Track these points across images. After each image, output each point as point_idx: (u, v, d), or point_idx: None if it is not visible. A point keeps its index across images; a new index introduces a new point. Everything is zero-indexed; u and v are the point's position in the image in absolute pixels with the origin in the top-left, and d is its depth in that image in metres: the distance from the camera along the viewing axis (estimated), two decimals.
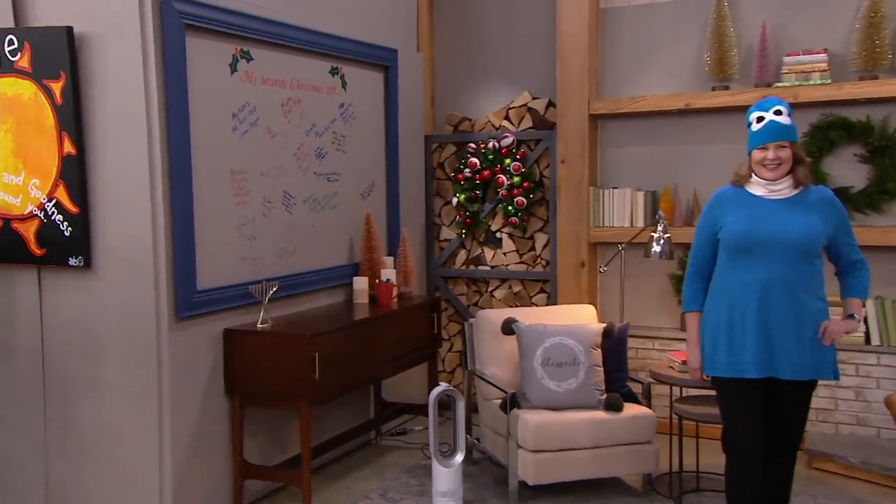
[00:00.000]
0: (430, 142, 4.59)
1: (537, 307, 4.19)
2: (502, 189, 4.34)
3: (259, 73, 3.30)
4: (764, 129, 2.56)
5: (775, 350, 2.54)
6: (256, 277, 3.28)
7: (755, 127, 2.60)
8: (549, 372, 3.31)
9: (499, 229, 4.48)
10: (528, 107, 4.43)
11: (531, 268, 4.42)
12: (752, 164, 2.62)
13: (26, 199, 3.00)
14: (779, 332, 2.53)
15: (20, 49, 2.92)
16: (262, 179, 3.34)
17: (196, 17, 2.98)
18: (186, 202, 2.96)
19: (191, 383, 3.04)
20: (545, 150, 4.34)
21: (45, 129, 2.93)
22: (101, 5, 2.88)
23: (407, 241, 4.03)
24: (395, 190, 4.22)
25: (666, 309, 4.22)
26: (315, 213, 3.65)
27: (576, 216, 4.20)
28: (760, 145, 2.58)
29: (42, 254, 2.99)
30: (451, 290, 4.61)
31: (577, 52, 4.13)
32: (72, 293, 3.02)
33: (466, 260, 4.56)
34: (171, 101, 2.88)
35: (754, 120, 2.60)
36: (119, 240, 2.93)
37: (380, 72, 4.12)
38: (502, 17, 4.52)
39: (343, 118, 3.84)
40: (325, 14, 3.69)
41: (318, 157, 3.67)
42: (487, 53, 4.55)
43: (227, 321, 3.18)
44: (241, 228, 3.23)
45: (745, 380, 2.55)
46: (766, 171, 2.58)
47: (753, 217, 2.56)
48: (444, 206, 4.61)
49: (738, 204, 2.60)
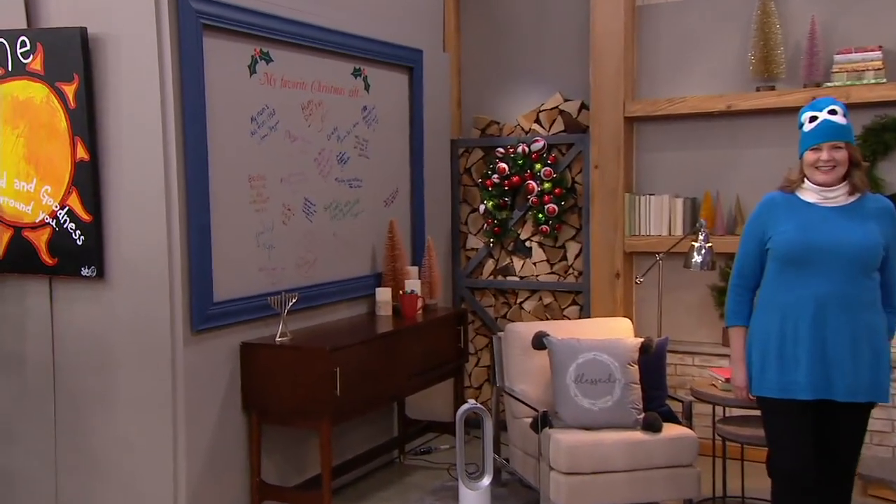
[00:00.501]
0: (457, 146, 4.59)
1: (569, 320, 4.17)
2: (532, 196, 4.33)
3: (279, 74, 3.31)
4: (817, 129, 2.50)
5: (831, 370, 2.47)
6: (275, 288, 3.28)
7: (807, 127, 2.53)
8: (583, 389, 3.28)
9: (528, 238, 4.47)
10: (559, 109, 4.42)
11: (563, 279, 4.40)
12: (805, 168, 2.55)
13: (38, 206, 3.01)
14: (835, 351, 2.46)
15: (32, 51, 2.94)
16: (282, 186, 3.34)
17: (214, 17, 2.99)
18: (203, 210, 2.96)
19: (206, 399, 3.04)
20: (578, 155, 4.32)
21: (58, 133, 2.94)
22: (116, 5, 2.90)
23: (432, 250, 4.02)
24: (419, 197, 4.22)
25: (707, 323, 4.17)
26: (336, 220, 3.66)
27: (610, 224, 4.17)
28: (813, 145, 2.51)
29: (54, 263, 3.01)
30: (478, 302, 4.60)
31: (611, 52, 4.12)
32: (84, 304, 3.03)
33: (494, 270, 4.56)
34: (187, 105, 2.88)
35: (806, 120, 2.54)
36: (133, 249, 2.94)
37: (404, 73, 4.12)
38: (532, 16, 4.52)
39: (366, 122, 3.84)
40: (347, 13, 3.70)
41: (340, 162, 3.68)
42: (517, 53, 4.55)
43: (244, 334, 3.18)
44: (260, 237, 3.24)
45: (795, 401, 2.49)
46: (820, 175, 2.51)
47: (807, 226, 2.48)
48: (470, 213, 4.61)
49: (790, 211, 2.53)
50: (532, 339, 3.49)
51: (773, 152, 3.94)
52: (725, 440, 3.28)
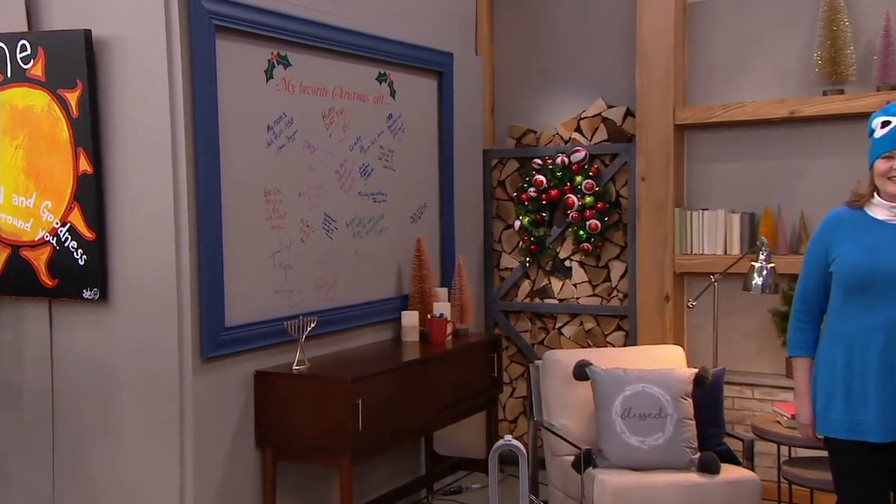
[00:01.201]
0: (490, 157, 4.60)
1: (614, 348, 4.16)
2: (572, 211, 4.31)
3: (298, 80, 3.32)
4: (890, 134, 2.42)
5: None
6: (292, 312, 3.27)
7: (879, 133, 2.45)
8: (631, 425, 3.23)
9: (568, 257, 4.44)
10: (602, 117, 4.40)
11: (606, 301, 4.36)
12: (875, 179, 2.47)
13: (37, 223, 3.02)
14: None
15: (33, 55, 2.95)
16: (300, 200, 3.34)
17: (228, 18, 2.99)
18: (214, 227, 2.96)
19: (217, 433, 3.02)
20: (622, 166, 4.30)
21: (59, 144, 2.95)
22: (122, 5, 2.90)
23: (463, 270, 4.00)
24: (449, 212, 4.22)
25: (768, 351, 4.09)
26: (359, 238, 3.66)
27: (659, 242, 4.14)
28: (885, 153, 2.43)
29: (53, 285, 3.01)
30: (513, 327, 4.58)
31: (660, 54, 4.09)
32: (85, 329, 3.03)
33: (531, 292, 4.54)
34: (198, 113, 2.88)
35: (878, 125, 2.46)
36: (138, 269, 2.94)
37: (433, 78, 4.13)
38: (573, 15, 4.51)
39: (391, 131, 3.85)
40: (371, 14, 3.71)
41: (363, 174, 3.68)
42: (555, 56, 4.54)
43: (258, 362, 3.17)
44: (276, 256, 3.23)
45: (864, 443, 2.41)
46: (892, 186, 2.43)
47: (875, 247, 2.40)
48: (505, 230, 4.61)
49: (856, 230, 2.46)
50: (573, 369, 3.45)
51: (840, 162, 3.87)
52: (791, 484, 3.25)
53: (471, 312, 4.01)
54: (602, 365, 3.40)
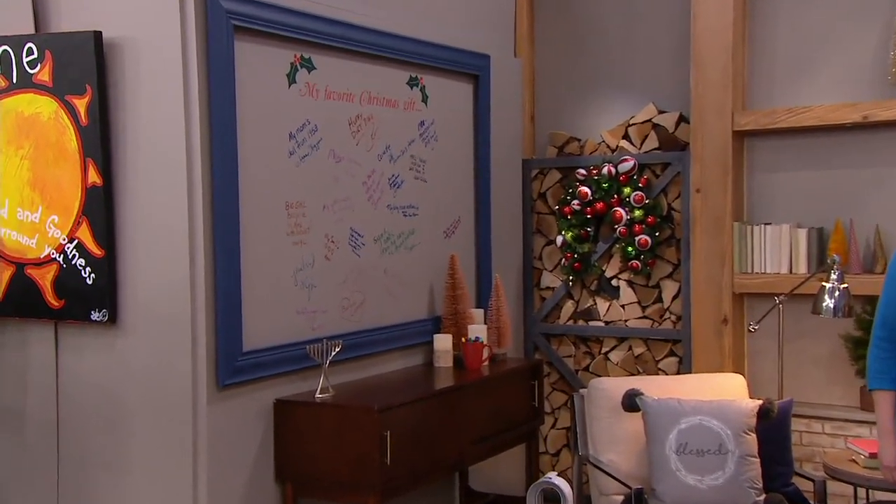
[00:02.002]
0: (530, 167, 4.57)
1: (666, 376, 4.11)
2: (620, 225, 4.27)
3: (322, 84, 3.31)
4: None
5: None
6: (315, 335, 3.26)
7: None
8: (687, 462, 3.18)
9: (615, 275, 4.39)
10: (652, 123, 4.35)
11: (657, 324, 4.30)
12: None
13: (43, 239, 3.02)
14: None
15: (40, 59, 2.96)
16: (325, 214, 3.34)
17: (247, 18, 2.99)
18: (232, 243, 2.95)
19: (233, 466, 2.99)
20: (675, 177, 4.24)
21: (67, 154, 2.95)
22: (134, 5, 2.91)
23: (500, 289, 3.97)
24: (485, 227, 4.21)
25: (840, 381, 3.99)
26: (388, 254, 3.64)
27: (716, 259, 4.08)
28: None
29: (60, 306, 3.01)
30: (555, 352, 4.54)
31: (717, 54, 4.03)
32: (93, 354, 3.03)
33: (574, 313, 4.50)
34: (215, 120, 2.88)
35: None
36: (150, 289, 2.93)
37: (468, 82, 4.13)
38: (620, 13, 4.47)
39: (423, 139, 3.83)
40: (402, 14, 3.70)
41: (393, 186, 3.67)
42: (601, 57, 4.50)
43: (278, 389, 3.16)
44: (298, 274, 3.22)
45: None
46: None
47: None
48: (546, 246, 4.57)
49: None
50: (622, 399, 3.42)
51: None
52: None
53: (509, 336, 3.97)
54: (654, 395, 3.36)
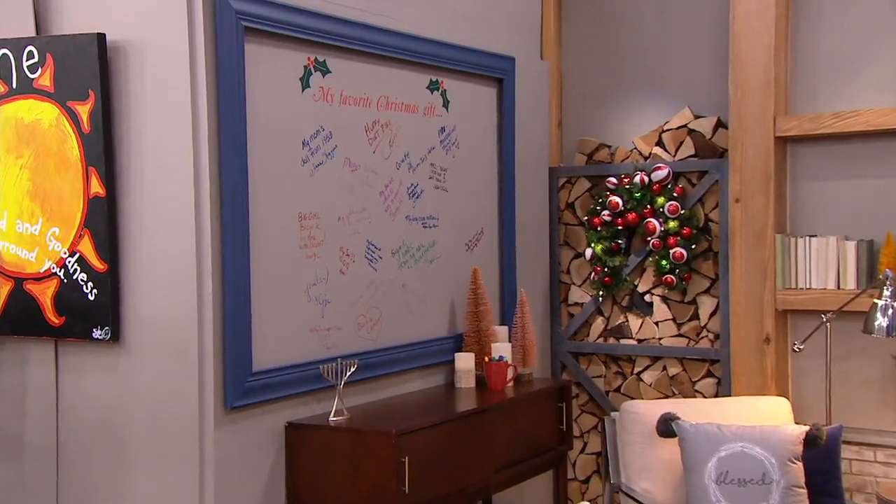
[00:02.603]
0: (557, 176, 4.55)
1: (704, 399, 4.06)
2: (653, 237, 4.22)
3: (338, 89, 3.31)
4: None
5: None
6: (330, 354, 3.25)
7: None
8: (728, 493, 3.15)
9: (649, 290, 4.35)
10: (688, 128, 4.32)
11: (694, 343, 4.25)
12: None
13: (43, 253, 3.02)
14: None
15: (41, 63, 2.96)
16: (340, 226, 3.33)
17: (259, 19, 2.98)
18: (241, 257, 2.94)
19: (242, 493, 2.98)
20: (713, 186, 4.20)
21: (69, 163, 2.95)
22: (139, 6, 2.91)
23: (525, 305, 3.95)
24: (509, 239, 4.19)
25: (893, 404, 3.92)
26: (407, 268, 3.63)
27: (757, 274, 4.02)
28: None
29: (60, 323, 3.00)
30: (584, 372, 4.50)
31: (758, 55, 3.98)
32: (95, 374, 3.02)
33: (604, 331, 4.47)
34: (224, 127, 2.87)
35: None
36: (155, 306, 2.93)
37: (492, 86, 4.12)
38: (654, 12, 4.43)
39: (444, 146, 3.83)
40: (421, 13, 3.69)
41: (412, 196, 3.66)
42: (633, 60, 4.47)
43: (290, 412, 3.14)
44: (311, 290, 3.21)
45: None
46: None
47: None
48: (574, 259, 4.55)
49: None
50: (657, 424, 3.43)
51: None
52: None
53: (535, 355, 3.95)
54: (691, 419, 3.34)
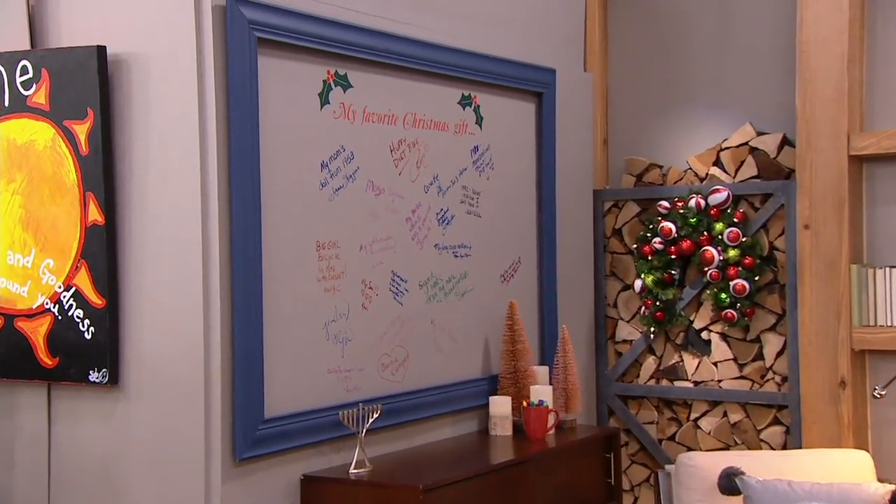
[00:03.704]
0: (603, 199, 4.52)
1: (772, 450, 3.97)
2: (711, 267, 4.15)
3: (360, 105, 3.31)
4: None
5: None
6: (350, 398, 3.23)
7: None
8: None
9: (706, 327, 4.28)
10: (750, 146, 4.25)
11: (758, 386, 4.16)
12: None
13: (36, 287, 3.01)
14: None
15: (36, 79, 2.97)
16: (362, 256, 3.32)
17: (273, 29, 2.98)
18: (253, 291, 2.92)
19: None
20: (778, 210, 4.12)
21: (65, 188, 2.95)
22: (143, 16, 2.91)
23: (568, 343, 3.92)
24: (550, 269, 4.17)
25: None
26: (436, 302, 3.62)
27: (830, 309, 3.94)
28: None
29: (53, 365, 2.99)
30: (634, 417, 4.42)
31: (829, 64, 3.92)
32: (91, 421, 3.00)
33: (656, 372, 4.40)
34: (235, 148, 2.86)
35: None
36: (158, 346, 2.91)
37: (530, 101, 4.11)
38: (711, 18, 4.39)
39: (477, 167, 3.82)
40: (452, 22, 3.70)
41: (442, 222, 3.65)
42: (687, 71, 4.43)
43: (306, 463, 3.11)
44: (330, 326, 3.19)
45: None
46: None
47: None
48: (622, 291, 4.49)
49: None
50: (718, 479, 3.40)
51: None
52: None
53: (579, 398, 3.91)
54: (757, 474, 3.30)
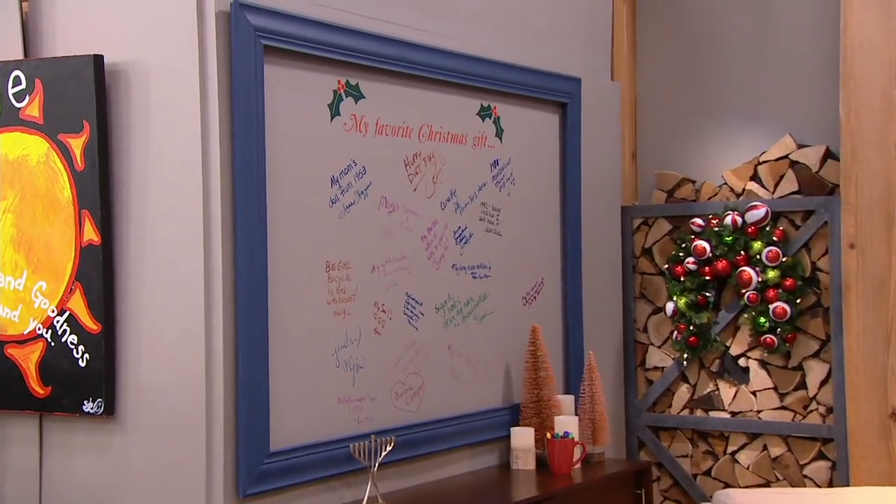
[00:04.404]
0: (631, 216, 4.49)
1: (816, 488, 3.92)
2: (749, 289, 4.10)
3: (372, 117, 3.31)
4: None
5: None
6: (362, 430, 3.21)
7: None
8: None
9: (744, 353, 4.23)
10: (790, 160, 4.21)
11: (800, 418, 4.11)
12: None
13: (28, 311, 3.01)
14: None
15: (29, 90, 2.98)
16: (374, 277, 3.31)
17: (281, 36, 2.98)
18: (258, 314, 2.91)
19: None
20: (821, 228, 4.07)
21: (59, 206, 2.95)
22: (142, 24, 2.92)
23: (595, 370, 3.89)
24: (575, 291, 4.15)
25: None
26: (453, 326, 3.61)
27: (878, 335, 3.90)
28: None
29: (46, 394, 2.98)
30: (667, 451, 4.37)
31: (875, 71, 3.88)
32: (85, 455, 2.98)
33: (690, 401, 4.35)
34: (239, 162, 2.86)
35: None
36: (156, 374, 2.90)
37: (553, 112, 4.10)
38: (747, 22, 4.36)
39: (497, 182, 3.81)
40: (470, 28, 3.70)
41: (459, 241, 3.64)
42: (722, 78, 4.40)
43: (315, 500, 3.10)
44: (341, 353, 3.19)
45: None
46: None
47: None
48: (652, 315, 4.46)
49: None
50: None
51: None
52: None
53: (607, 430, 3.87)
54: None
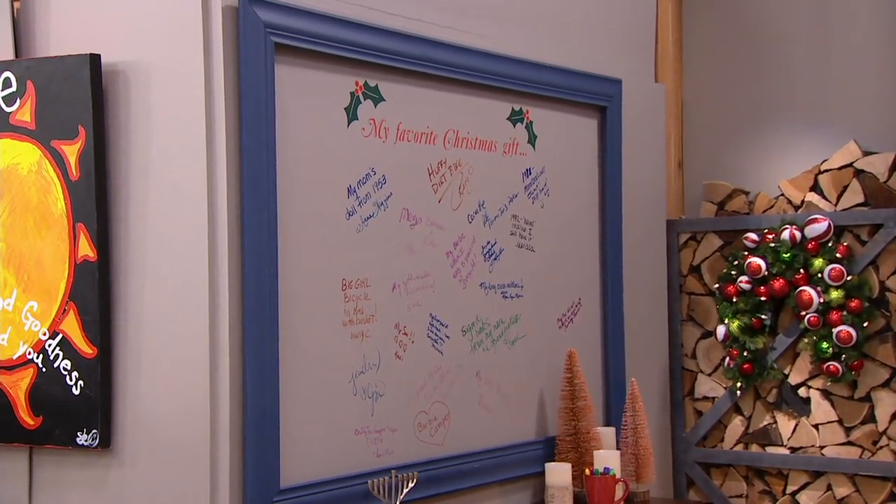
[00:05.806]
0: (678, 231, 4.50)
1: None
2: (810, 312, 4.09)
3: (393, 121, 3.31)
4: None
5: None
6: (381, 464, 3.21)
7: None
8: None
9: (804, 382, 4.22)
10: (855, 168, 4.21)
11: (869, 454, 4.09)
12: None
13: (17, 334, 3.00)
14: None
15: (20, 93, 2.99)
16: (395, 296, 3.31)
17: (294, 34, 2.98)
18: (268, 337, 2.90)
19: None
20: (890, 244, 4.07)
21: (52, 219, 2.95)
22: (142, 21, 2.93)
23: (638, 400, 3.88)
24: (615, 312, 4.17)
25: None
26: (482, 351, 3.61)
27: None
28: None
29: (36, 425, 2.97)
30: (718, 490, 4.36)
31: None
32: (78, 491, 2.97)
33: (744, 435, 4.33)
34: (248, 170, 2.86)
35: None
36: (156, 403, 2.89)
37: (592, 116, 4.11)
38: (807, 20, 4.38)
39: (529, 193, 3.81)
40: (500, 26, 3.71)
41: (488, 257, 3.64)
42: (778, 80, 4.40)
43: None
44: (358, 379, 3.18)
45: None
46: None
47: None
48: (701, 339, 4.46)
49: None
50: None
51: None
52: None
53: (651, 465, 3.86)
54: None
